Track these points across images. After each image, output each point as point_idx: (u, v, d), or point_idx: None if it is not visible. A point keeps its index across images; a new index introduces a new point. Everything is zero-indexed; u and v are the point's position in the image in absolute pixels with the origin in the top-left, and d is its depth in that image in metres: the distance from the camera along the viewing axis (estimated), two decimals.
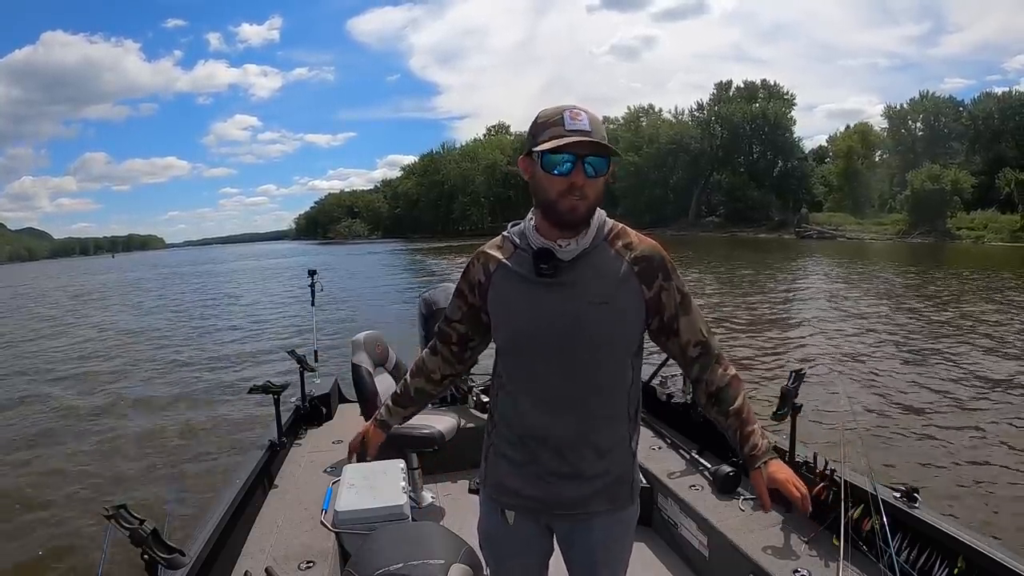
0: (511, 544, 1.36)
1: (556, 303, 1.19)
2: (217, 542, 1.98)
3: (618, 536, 1.34)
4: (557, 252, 1.18)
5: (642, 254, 1.22)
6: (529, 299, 1.21)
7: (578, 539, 1.32)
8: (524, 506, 1.30)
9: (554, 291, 1.19)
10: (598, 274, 1.20)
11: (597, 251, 1.21)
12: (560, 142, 1.09)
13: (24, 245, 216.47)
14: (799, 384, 2.22)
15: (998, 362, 7.65)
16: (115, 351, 11.54)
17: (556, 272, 1.18)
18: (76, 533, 4.16)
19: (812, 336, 9.74)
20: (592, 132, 1.10)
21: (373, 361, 3.00)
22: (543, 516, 1.32)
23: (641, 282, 1.21)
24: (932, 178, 36.08)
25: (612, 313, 1.19)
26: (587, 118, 1.11)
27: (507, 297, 1.24)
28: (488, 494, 1.36)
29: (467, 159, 74.64)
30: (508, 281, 1.23)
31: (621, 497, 1.30)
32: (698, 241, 41.28)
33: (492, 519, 1.36)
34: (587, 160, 1.11)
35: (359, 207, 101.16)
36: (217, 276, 35.77)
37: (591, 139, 1.10)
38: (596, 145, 1.10)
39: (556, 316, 1.19)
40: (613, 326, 1.20)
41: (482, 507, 1.40)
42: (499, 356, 1.32)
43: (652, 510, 2.63)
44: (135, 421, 6.84)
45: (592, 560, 1.33)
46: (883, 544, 1.78)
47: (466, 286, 1.30)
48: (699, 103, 60.40)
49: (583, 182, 1.12)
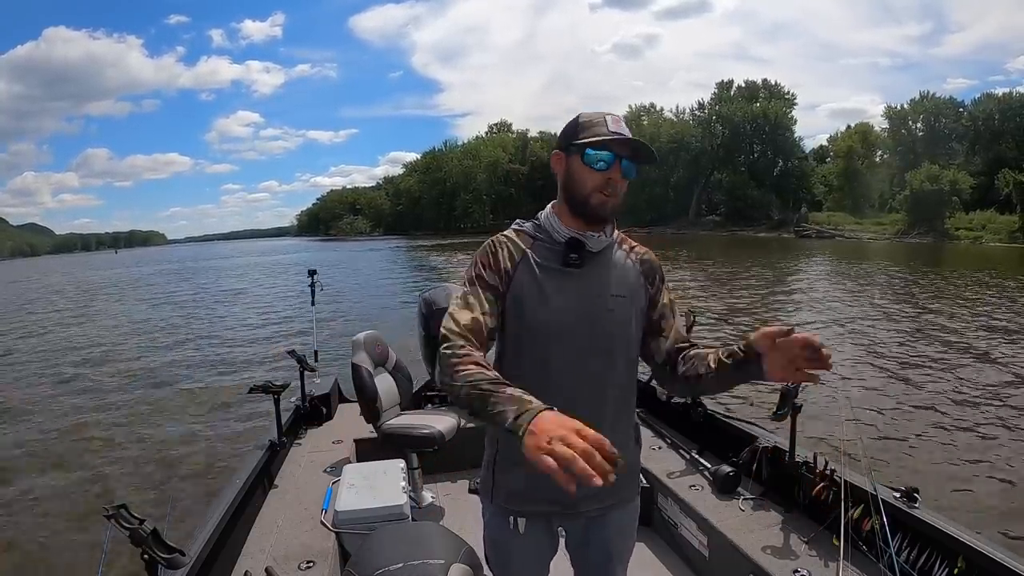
0: (521, 551, 1.35)
1: (582, 293, 1.24)
2: (217, 542, 1.98)
3: (627, 527, 1.40)
4: (588, 242, 1.24)
5: (645, 257, 1.34)
6: (555, 288, 1.23)
7: (593, 536, 1.36)
8: (539, 511, 1.30)
9: (581, 281, 1.24)
10: (617, 269, 1.29)
11: (611, 250, 1.30)
12: (606, 137, 1.18)
13: (26, 241, 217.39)
14: (799, 384, 2.22)
15: (998, 362, 7.66)
16: (116, 350, 11.53)
17: (583, 263, 1.24)
18: (76, 533, 4.15)
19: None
20: (632, 137, 1.21)
21: (373, 361, 3.00)
22: (556, 519, 1.33)
23: (646, 281, 1.32)
24: (931, 178, 36.28)
25: (630, 306, 1.28)
26: (626, 125, 1.22)
27: (530, 286, 1.23)
28: (498, 504, 1.35)
29: (469, 157, 74.72)
30: (531, 271, 1.24)
31: (630, 488, 1.38)
32: (698, 240, 41.34)
33: (501, 527, 1.35)
34: (624, 160, 1.20)
35: (361, 204, 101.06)
36: (220, 272, 35.82)
37: (632, 140, 1.19)
38: (635, 148, 1.20)
39: (582, 305, 1.24)
40: (630, 318, 1.28)
41: (488, 515, 1.39)
42: (510, 350, 1.27)
43: (652, 510, 2.63)
44: (135, 421, 6.83)
45: (607, 554, 1.38)
46: (883, 544, 1.78)
47: (492, 273, 1.22)
48: (700, 102, 60.76)
49: (618, 179, 1.21)
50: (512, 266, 1.24)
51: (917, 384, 6.83)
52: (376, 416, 2.88)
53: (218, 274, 34.73)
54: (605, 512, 1.33)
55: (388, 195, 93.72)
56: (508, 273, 1.23)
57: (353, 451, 3.13)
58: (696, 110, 60.69)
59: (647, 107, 65.35)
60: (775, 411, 2.23)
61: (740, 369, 1.14)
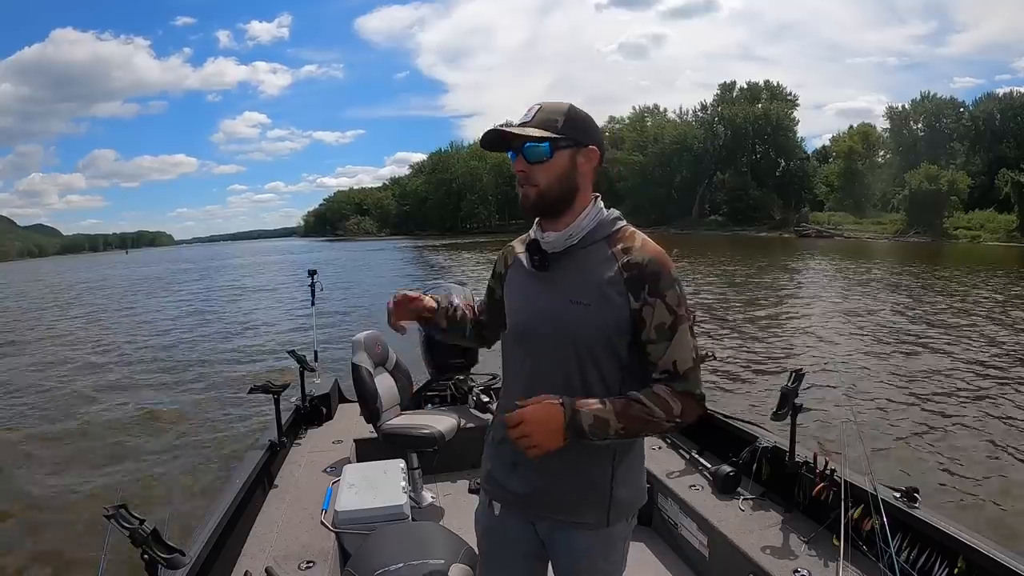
0: (496, 536, 1.34)
1: (543, 297, 1.20)
2: (217, 542, 1.98)
3: (600, 556, 1.25)
4: (541, 243, 1.20)
5: (635, 261, 1.14)
6: (524, 291, 1.25)
7: (559, 545, 1.27)
8: (506, 499, 1.29)
9: (543, 284, 1.21)
10: (583, 274, 1.16)
11: (591, 250, 1.18)
12: (488, 138, 1.17)
13: (34, 242, 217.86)
14: (799, 384, 2.22)
15: (997, 362, 7.65)
16: (116, 350, 11.55)
17: (547, 266, 1.20)
18: (76, 533, 4.15)
19: (811, 336, 9.73)
20: (529, 121, 1.15)
21: (373, 361, 3.00)
22: (526, 514, 1.29)
23: (629, 290, 1.13)
24: (929, 178, 36.53)
25: (591, 315, 1.13)
26: (538, 108, 1.16)
27: (511, 288, 1.29)
28: (481, 484, 1.37)
29: (475, 158, 75.20)
30: (516, 273, 1.29)
31: (597, 512, 1.20)
32: (700, 239, 41.41)
33: (481, 509, 1.36)
34: (525, 148, 1.14)
35: (368, 204, 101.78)
36: (229, 272, 36.02)
37: (508, 128, 1.14)
38: (517, 133, 1.13)
39: (541, 309, 1.20)
40: (592, 328, 1.14)
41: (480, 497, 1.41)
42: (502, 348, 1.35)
43: (652, 510, 2.63)
44: (135, 421, 6.83)
45: (570, 572, 1.28)
46: (883, 544, 1.78)
47: (493, 279, 1.37)
48: (703, 104, 61.12)
49: (525, 169, 1.15)
50: (504, 270, 1.33)
51: (917, 384, 6.81)
52: (376, 416, 2.88)
53: (238, 272, 35.12)
54: (567, 528, 1.23)
55: (395, 196, 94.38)
56: (501, 276, 1.34)
57: (353, 451, 3.13)
58: (699, 111, 61.18)
59: (651, 108, 65.81)
60: (775, 411, 2.23)
61: None
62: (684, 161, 56.65)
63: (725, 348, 8.61)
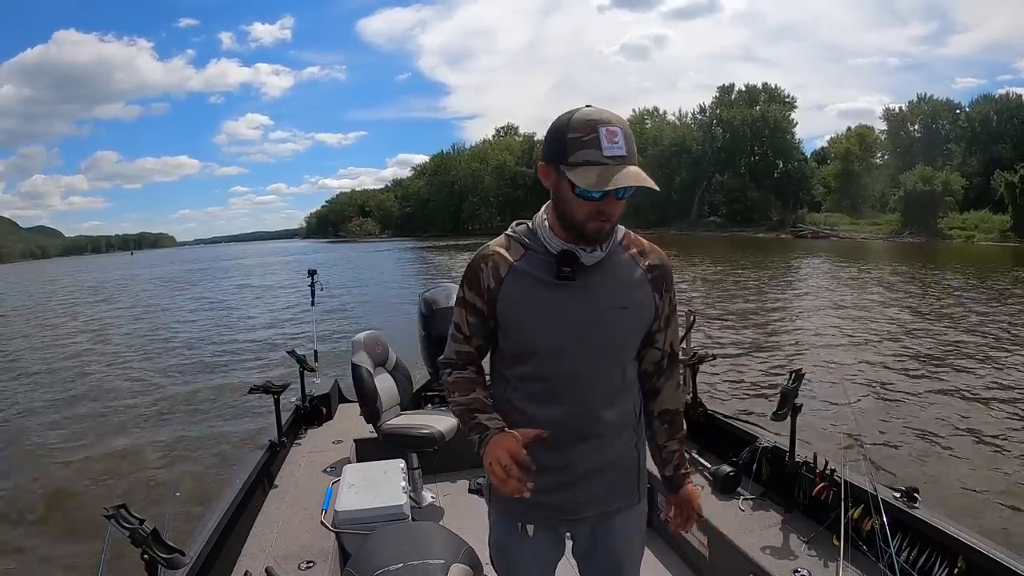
0: (527, 555, 1.33)
1: (577, 307, 1.15)
2: (217, 542, 1.98)
3: (633, 531, 1.35)
4: (581, 257, 1.13)
5: (655, 263, 1.22)
6: (548, 303, 1.16)
7: (600, 541, 1.32)
8: (544, 517, 1.27)
9: (575, 295, 1.15)
10: (617, 279, 1.17)
11: (612, 256, 1.18)
12: (596, 178, 1.01)
13: (36, 243, 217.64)
14: (799, 384, 2.22)
15: (997, 361, 7.66)
16: (117, 349, 11.53)
17: (576, 276, 1.14)
18: (76, 533, 4.15)
19: (811, 336, 9.74)
20: (627, 157, 1.02)
21: (373, 361, 3.00)
22: (562, 525, 1.30)
23: (654, 290, 1.21)
24: (924, 179, 36.93)
25: (629, 318, 1.19)
26: (622, 135, 1.02)
27: (522, 301, 1.17)
28: (502, 509, 1.31)
29: (477, 160, 75.66)
30: (522, 285, 1.17)
31: (633, 492, 1.32)
32: (698, 240, 41.52)
33: (507, 532, 1.32)
34: (619, 191, 1.04)
35: (370, 206, 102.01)
36: (248, 270, 36.22)
37: (629, 168, 1.02)
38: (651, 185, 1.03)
39: (577, 320, 1.15)
40: (629, 331, 1.21)
41: (493, 519, 1.36)
42: (506, 363, 1.26)
43: (652, 510, 2.62)
44: (135, 420, 6.83)
45: (614, 559, 1.34)
46: (883, 544, 1.78)
47: (474, 295, 1.21)
48: (701, 106, 61.40)
49: (614, 206, 1.08)
50: (496, 283, 1.18)
51: (917, 384, 6.83)
52: (376, 416, 2.88)
53: (244, 271, 35.47)
54: (610, 517, 1.29)
55: (397, 197, 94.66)
56: (491, 290, 1.18)
57: (353, 451, 3.13)
58: (698, 114, 61.48)
59: (650, 110, 66.16)
60: (775, 411, 2.24)
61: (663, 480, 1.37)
62: (683, 163, 56.80)
63: (725, 348, 8.62)
